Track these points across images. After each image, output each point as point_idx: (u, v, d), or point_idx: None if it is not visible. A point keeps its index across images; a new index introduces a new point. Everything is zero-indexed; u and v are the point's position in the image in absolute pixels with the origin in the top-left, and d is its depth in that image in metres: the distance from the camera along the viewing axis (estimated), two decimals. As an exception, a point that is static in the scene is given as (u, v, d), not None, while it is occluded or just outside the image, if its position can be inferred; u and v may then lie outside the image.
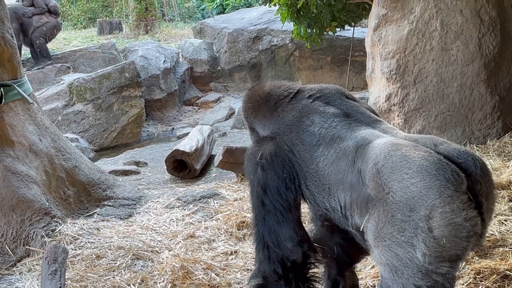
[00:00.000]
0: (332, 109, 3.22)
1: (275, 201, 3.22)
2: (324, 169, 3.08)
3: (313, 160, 3.14)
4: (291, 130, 3.26)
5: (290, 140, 3.23)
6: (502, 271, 3.66)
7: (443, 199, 2.55)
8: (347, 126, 3.12)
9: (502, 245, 4.11)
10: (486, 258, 3.93)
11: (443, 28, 6.30)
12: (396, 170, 2.72)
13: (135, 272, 4.34)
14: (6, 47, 5.63)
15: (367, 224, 2.84)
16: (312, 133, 3.17)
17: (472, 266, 3.77)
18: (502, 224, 4.37)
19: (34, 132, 5.69)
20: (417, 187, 2.61)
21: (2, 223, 4.93)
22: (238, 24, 14.43)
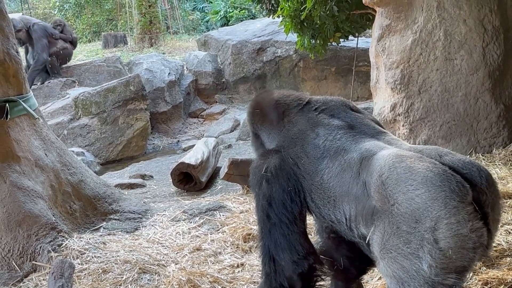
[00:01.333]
0: (337, 122, 3.23)
1: (280, 214, 3.23)
2: (329, 182, 3.08)
3: (317, 172, 3.14)
4: (296, 143, 3.27)
5: (295, 153, 3.24)
6: (509, 281, 3.65)
7: (449, 210, 2.55)
8: (352, 138, 3.13)
9: (509, 255, 4.09)
10: (493, 268, 3.91)
11: (447, 38, 6.30)
12: (401, 182, 2.72)
13: (142, 286, 4.33)
14: (11, 62, 5.64)
15: (373, 236, 2.83)
16: (317, 146, 3.18)
17: (479, 276, 3.75)
18: (509, 234, 4.36)
19: (40, 147, 5.70)
20: (422, 199, 2.61)
21: (9, 238, 4.93)
22: (242, 36, 14.45)
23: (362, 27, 9.25)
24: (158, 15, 18.88)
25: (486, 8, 6.22)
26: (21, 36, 12.65)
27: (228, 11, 20.73)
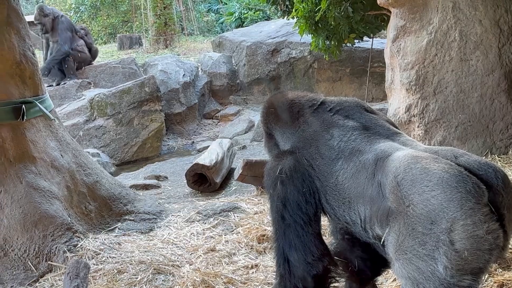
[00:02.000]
0: (352, 123, 3.22)
1: (295, 215, 3.22)
2: (343, 183, 3.07)
3: (332, 173, 3.13)
4: (310, 144, 3.26)
5: (310, 155, 3.23)
6: (526, 284, 3.63)
7: (464, 211, 2.53)
8: (367, 139, 3.12)
9: (525, 257, 4.07)
10: (509, 270, 3.89)
11: (462, 39, 6.27)
12: (416, 183, 2.70)
13: (156, 286, 4.34)
14: (27, 64, 5.68)
15: (388, 237, 2.83)
16: (331, 147, 3.17)
17: (495, 278, 3.74)
18: (525, 236, 4.33)
19: (56, 148, 5.73)
20: (438, 200, 2.59)
21: (25, 238, 4.95)
22: (256, 37, 14.46)
23: (377, 28, 9.24)
24: (173, 17, 18.91)
25: (502, 9, 6.19)
26: (46, 22, 12.76)
27: (242, 13, 20.74)
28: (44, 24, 12.80)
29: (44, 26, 12.84)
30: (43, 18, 12.85)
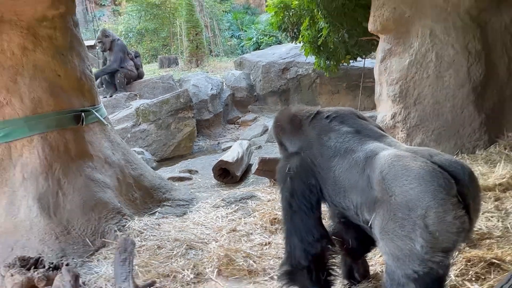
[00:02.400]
0: (346, 127, 3.23)
1: (300, 203, 3.27)
2: (339, 176, 3.10)
3: (330, 169, 3.15)
4: (312, 145, 3.28)
5: (312, 154, 3.25)
6: (488, 259, 3.61)
7: (437, 201, 2.61)
8: (358, 141, 3.13)
9: (488, 237, 4.05)
10: (475, 248, 3.87)
11: (438, 59, 6.24)
12: (398, 177, 2.78)
13: (189, 259, 4.37)
14: (86, 80, 5.73)
15: (374, 221, 2.88)
16: (329, 147, 3.19)
17: (464, 255, 3.72)
18: (489, 220, 4.31)
19: (108, 147, 5.76)
20: (415, 191, 2.68)
21: (84, 220, 5.00)
22: (270, 58, 14.48)
23: (368, 51, 9.20)
24: (203, 41, 18.95)
25: (470, 35, 6.16)
26: (106, 42, 12.91)
27: (259, 38, 20.75)
28: (104, 43, 12.94)
29: (104, 45, 12.98)
30: (104, 38, 13.01)
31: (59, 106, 5.26)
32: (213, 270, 4.11)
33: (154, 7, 20.44)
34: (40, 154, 5.04)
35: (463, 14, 6.17)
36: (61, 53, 5.43)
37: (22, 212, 4.83)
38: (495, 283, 2.97)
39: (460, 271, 3.52)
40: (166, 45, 20.64)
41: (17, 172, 4.96)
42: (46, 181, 4.99)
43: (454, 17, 6.19)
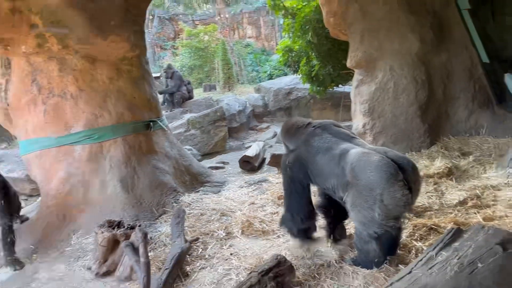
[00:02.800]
0: (326, 133, 3.27)
1: (296, 187, 3.40)
2: (322, 166, 3.16)
3: (315, 162, 3.21)
4: (303, 145, 3.32)
5: (303, 151, 3.30)
6: (429, 225, 3.59)
7: (389, 184, 2.76)
8: (335, 142, 3.16)
9: (429, 210, 4.02)
10: (420, 218, 3.85)
11: (395, 86, 6.19)
12: (363, 167, 2.89)
13: (222, 223, 4.39)
14: (153, 100, 5.79)
15: (347, 198, 3.00)
16: (314, 147, 3.23)
17: (411, 222, 3.70)
18: (430, 198, 4.27)
19: (168, 146, 5.81)
20: (375, 177, 2.81)
21: (151, 195, 5.04)
22: (278, 85, 14.46)
23: (347, 80, 9.16)
24: (233, 74, 18.99)
25: (417, 70, 6.12)
26: (169, 72, 12.97)
27: (272, 71, 20.73)
28: (168, 73, 13.01)
29: (168, 74, 13.04)
30: (168, 69, 13.11)
31: (135, 118, 5.31)
32: (238, 230, 4.12)
33: (200, 50, 20.54)
34: (122, 150, 5.10)
35: (413, 55, 6.13)
36: (136, 82, 5.49)
37: (109, 190, 4.89)
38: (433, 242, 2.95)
39: (409, 234, 3.50)
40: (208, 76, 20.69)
41: (107, 162, 5.02)
42: (126, 168, 5.05)
43: (407, 57, 6.15)
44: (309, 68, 8.98)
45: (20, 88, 4.92)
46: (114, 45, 5.02)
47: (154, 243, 4.08)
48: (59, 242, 4.44)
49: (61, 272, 3.88)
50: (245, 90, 17.57)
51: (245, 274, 3.17)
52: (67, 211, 4.75)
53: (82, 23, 4.63)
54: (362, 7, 6.27)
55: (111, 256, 3.73)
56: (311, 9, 8.15)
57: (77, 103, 4.95)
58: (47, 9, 4.42)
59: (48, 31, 4.51)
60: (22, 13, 4.32)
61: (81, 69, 4.94)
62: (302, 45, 8.76)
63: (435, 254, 2.34)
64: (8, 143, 12.17)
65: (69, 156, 4.93)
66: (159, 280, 3.17)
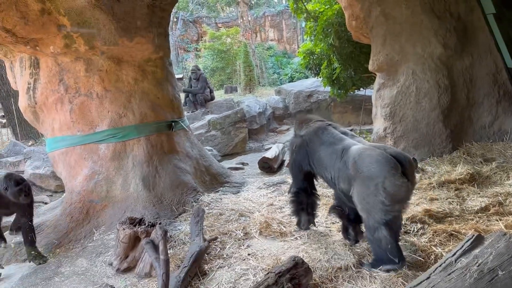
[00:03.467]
0: (334, 130, 3.66)
1: (298, 166, 3.86)
2: (323, 157, 3.53)
3: (317, 151, 3.59)
4: (311, 135, 3.71)
5: (309, 140, 3.70)
6: (449, 231, 3.52)
7: (390, 174, 3.01)
8: (339, 138, 3.52)
9: (450, 216, 3.94)
10: (440, 223, 3.78)
11: (417, 91, 6.11)
12: (364, 161, 3.14)
13: (240, 223, 4.39)
14: (176, 101, 5.85)
15: (354, 192, 3.22)
16: (320, 138, 3.61)
17: (431, 228, 3.63)
18: (450, 204, 4.19)
19: (189, 146, 5.85)
20: (376, 169, 3.06)
21: (172, 194, 5.08)
22: (299, 87, 14.39)
23: (368, 83, 9.06)
24: (254, 76, 19.00)
25: (440, 74, 6.02)
26: (197, 73, 13.01)
27: (293, 74, 20.68)
28: (197, 74, 13.07)
29: (194, 75, 13.10)
30: (197, 70, 13.19)
31: (157, 118, 5.37)
32: (256, 231, 4.11)
33: (222, 52, 20.64)
34: (144, 149, 5.16)
35: (435, 59, 6.03)
36: (160, 83, 5.55)
37: (131, 187, 4.95)
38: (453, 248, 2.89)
39: (428, 239, 3.45)
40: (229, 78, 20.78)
41: (129, 161, 5.09)
42: (148, 167, 5.10)
43: (429, 61, 6.06)
44: (330, 71, 8.92)
45: (48, 87, 5.04)
46: (139, 47, 5.10)
47: (174, 241, 4.12)
48: (82, 237, 4.53)
49: (83, 267, 3.95)
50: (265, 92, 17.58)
51: (262, 274, 3.17)
52: (90, 208, 4.84)
53: (109, 24, 4.71)
54: (384, 10, 6.21)
55: (132, 252, 3.78)
56: (334, 12, 8.11)
57: (103, 103, 5.04)
58: (74, 10, 4.52)
59: (75, 31, 4.61)
60: (51, 14, 4.43)
61: (107, 70, 5.03)
62: (323, 48, 8.72)
63: (454, 260, 2.30)
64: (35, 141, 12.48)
65: (93, 154, 5.02)
66: (178, 278, 3.19)
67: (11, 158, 9.85)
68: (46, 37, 4.58)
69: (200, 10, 29.20)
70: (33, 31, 4.41)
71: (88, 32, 4.66)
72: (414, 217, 3.87)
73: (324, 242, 3.62)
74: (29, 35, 4.45)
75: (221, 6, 29.06)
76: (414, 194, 4.63)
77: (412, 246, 3.39)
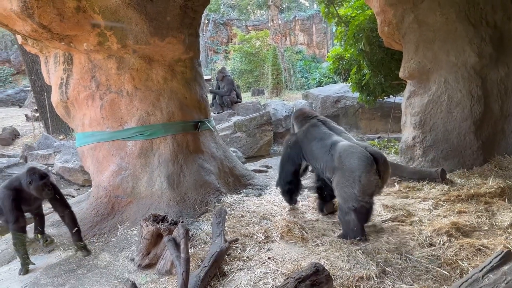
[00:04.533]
0: (324, 126, 4.35)
1: (290, 162, 4.61)
2: (315, 150, 4.18)
3: (310, 146, 4.26)
4: (304, 132, 4.41)
5: (302, 136, 4.41)
6: (476, 246, 3.41)
7: (366, 169, 3.62)
8: (328, 134, 4.18)
9: (478, 230, 3.82)
10: (467, 237, 3.66)
11: (449, 100, 5.97)
12: (347, 156, 3.74)
13: (261, 226, 4.36)
14: (203, 101, 5.88)
15: (334, 179, 3.87)
16: (312, 135, 4.29)
17: (458, 241, 3.53)
18: (479, 218, 4.06)
19: (214, 146, 5.87)
20: (356, 164, 3.66)
21: (195, 194, 5.10)
22: (327, 92, 14.30)
23: (398, 91, 8.92)
24: (282, 79, 19.00)
25: (473, 84, 5.86)
26: (222, 75, 13.07)
27: (321, 78, 20.55)
28: (225, 75, 13.12)
29: (219, 77, 13.16)
30: (225, 72, 13.25)
31: (184, 117, 5.42)
32: (277, 235, 4.09)
33: (251, 55, 20.74)
34: (170, 148, 5.21)
35: (469, 69, 5.88)
36: (188, 83, 5.60)
37: (156, 185, 5.01)
38: (480, 263, 2.80)
39: (454, 253, 3.35)
40: (257, 80, 20.84)
41: (155, 158, 5.15)
42: (173, 165, 5.15)
43: (463, 70, 5.91)
44: (360, 77, 8.83)
45: (80, 83, 5.16)
46: (170, 47, 5.16)
47: (195, 240, 4.14)
48: (106, 231, 4.61)
49: (106, 261, 4.02)
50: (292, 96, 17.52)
51: (282, 279, 3.15)
52: (115, 203, 4.92)
53: (141, 24, 4.79)
54: (418, 17, 6.10)
55: (154, 249, 3.83)
56: (366, 17, 8.02)
57: (132, 100, 5.13)
58: (108, 9, 4.62)
59: (108, 26, 4.71)
60: (86, 12, 4.54)
61: (137, 68, 5.12)
62: (353, 54, 8.63)
63: (481, 276, 2.23)
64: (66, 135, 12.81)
65: (121, 150, 5.11)
66: (198, 277, 3.21)
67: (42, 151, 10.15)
68: (80, 34, 4.70)
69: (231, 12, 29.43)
70: (68, 28, 4.53)
71: (121, 26, 4.75)
72: (441, 229, 3.77)
73: (346, 250, 3.56)
74: (64, 32, 4.57)
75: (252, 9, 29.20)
76: (441, 206, 4.52)
77: (438, 259, 3.30)
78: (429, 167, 5.94)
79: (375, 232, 3.97)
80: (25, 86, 21.33)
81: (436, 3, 5.96)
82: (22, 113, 16.84)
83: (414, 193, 5.11)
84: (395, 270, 3.15)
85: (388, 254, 3.45)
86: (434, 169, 5.50)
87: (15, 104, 19.93)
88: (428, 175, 5.47)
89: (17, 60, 23.59)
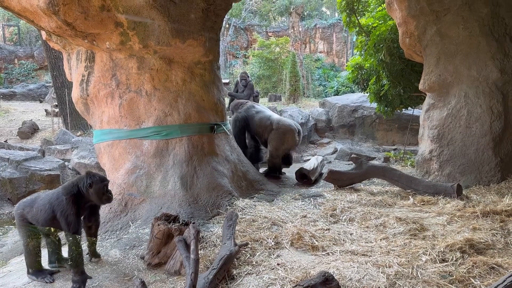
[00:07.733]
0: (258, 107, 6.55)
1: (238, 130, 6.73)
2: (258, 120, 6.21)
3: (254, 118, 6.39)
4: (246, 111, 6.65)
5: (245, 114, 6.63)
6: (490, 264, 3.33)
7: (291, 130, 6.15)
8: (263, 111, 6.32)
9: (492, 248, 3.74)
10: (481, 255, 3.59)
11: (468, 114, 5.89)
12: (281, 124, 5.65)
13: (272, 232, 4.34)
14: (220, 105, 5.92)
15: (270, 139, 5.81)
16: (253, 112, 6.40)
17: (471, 258, 3.46)
18: (494, 236, 3.97)
19: (228, 149, 5.89)
20: (285, 126, 5.70)
21: (207, 196, 5.12)
22: (344, 101, 14.21)
23: (417, 103, 8.83)
24: (299, 86, 18.98)
25: (494, 99, 5.78)
26: (243, 80, 12.96)
27: (339, 87, 20.47)
28: (245, 79, 13.00)
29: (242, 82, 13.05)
30: (247, 77, 13.12)
31: (201, 119, 5.46)
32: (288, 242, 4.06)
33: (269, 61, 20.80)
34: (185, 149, 5.25)
35: (490, 84, 5.80)
36: (206, 86, 5.64)
37: (170, 185, 5.04)
38: (493, 282, 2.74)
39: (467, 270, 3.28)
40: (274, 86, 20.87)
41: (170, 159, 5.19)
42: (187, 167, 5.18)
43: (484, 85, 5.83)
44: (379, 87, 8.77)
45: (101, 81, 5.25)
46: (191, 49, 5.21)
47: (205, 242, 4.14)
48: (118, 229, 4.65)
49: (116, 257, 4.05)
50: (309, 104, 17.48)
51: (290, 286, 3.13)
52: (129, 201, 4.97)
53: (164, 25, 4.85)
54: (440, 29, 6.05)
55: (164, 248, 3.84)
56: (387, 28, 7.98)
57: (150, 100, 5.19)
58: (132, 9, 4.69)
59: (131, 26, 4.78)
60: (110, 11, 4.62)
61: (158, 69, 5.18)
62: (373, 64, 8.59)
63: (494, 295, 2.19)
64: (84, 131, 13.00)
65: (137, 149, 5.17)
66: (206, 279, 3.21)
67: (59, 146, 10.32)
68: (104, 32, 4.78)
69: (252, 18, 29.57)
70: (92, 26, 4.62)
71: (143, 31, 4.82)
72: (454, 245, 3.70)
73: (356, 261, 3.53)
74: (87, 30, 4.65)
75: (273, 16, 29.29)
76: (456, 222, 4.45)
77: (450, 275, 3.24)
78: (445, 181, 5.86)
79: (386, 245, 3.92)
80: (46, 82, 21.76)
81: (459, 17, 5.91)
82: (42, 108, 17.15)
83: (429, 207, 5.04)
84: (406, 284, 3.11)
85: (399, 268, 3.40)
86: (450, 184, 5.41)
87: (36, 98, 20.31)
88: (444, 189, 5.39)
89: (40, 55, 24.08)
